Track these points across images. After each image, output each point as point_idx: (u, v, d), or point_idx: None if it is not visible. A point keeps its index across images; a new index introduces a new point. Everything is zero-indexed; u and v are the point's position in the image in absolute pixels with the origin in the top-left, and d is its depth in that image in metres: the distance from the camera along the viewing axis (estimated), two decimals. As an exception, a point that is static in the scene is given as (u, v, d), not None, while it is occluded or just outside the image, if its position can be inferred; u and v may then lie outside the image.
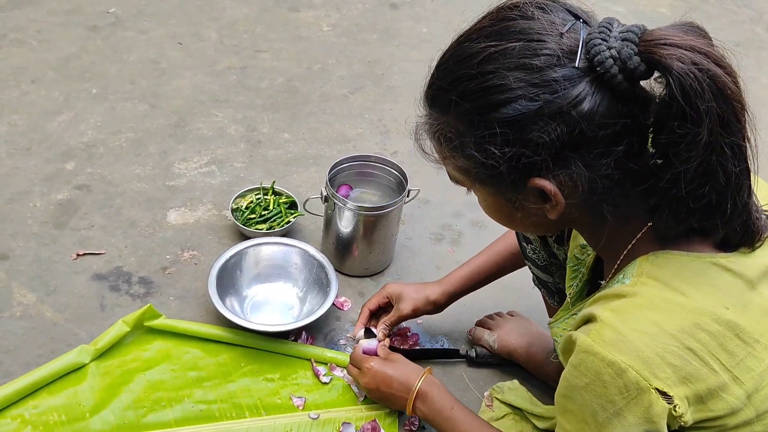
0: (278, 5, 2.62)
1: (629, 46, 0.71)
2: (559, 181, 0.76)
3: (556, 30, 0.74)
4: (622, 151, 0.74)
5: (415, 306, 1.37)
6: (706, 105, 0.68)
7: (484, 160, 0.77)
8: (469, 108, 0.76)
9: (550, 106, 0.72)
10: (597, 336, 0.74)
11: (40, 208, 1.70)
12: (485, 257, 1.39)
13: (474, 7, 0.85)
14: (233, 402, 1.34)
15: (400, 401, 1.24)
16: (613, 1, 2.96)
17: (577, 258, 1.04)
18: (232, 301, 1.49)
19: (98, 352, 1.37)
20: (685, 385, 0.72)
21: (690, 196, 0.73)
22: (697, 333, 0.73)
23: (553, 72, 0.72)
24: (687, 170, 0.71)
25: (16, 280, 1.52)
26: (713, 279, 0.77)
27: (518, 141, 0.74)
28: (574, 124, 0.72)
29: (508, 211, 0.84)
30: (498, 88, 0.73)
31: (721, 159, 0.71)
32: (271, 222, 1.67)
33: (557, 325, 1.04)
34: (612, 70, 0.71)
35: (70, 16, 2.39)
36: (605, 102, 0.72)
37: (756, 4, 3.17)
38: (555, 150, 0.73)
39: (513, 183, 0.78)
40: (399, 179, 1.62)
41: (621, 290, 0.78)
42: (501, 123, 0.74)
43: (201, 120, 2.03)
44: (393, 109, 2.17)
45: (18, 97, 2.02)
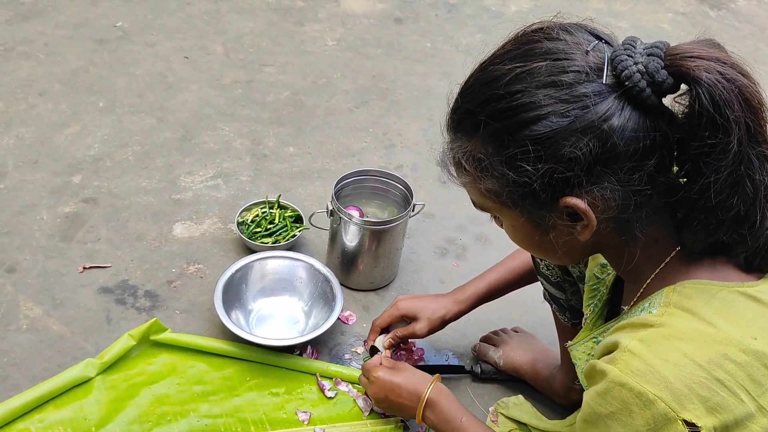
0: (284, 19, 2.64)
1: (656, 60, 0.73)
2: (591, 199, 0.76)
3: (581, 49, 0.75)
4: (653, 165, 0.75)
5: (431, 327, 1.36)
6: (735, 114, 0.70)
7: (516, 178, 0.77)
8: (498, 128, 0.76)
9: (581, 121, 0.73)
10: (625, 366, 0.73)
11: (47, 221, 1.70)
12: (499, 273, 1.38)
13: (478, 22, 0.86)
14: (238, 416, 1.35)
15: (409, 410, 1.23)
16: (616, 16, 2.98)
17: (597, 277, 1.03)
18: (238, 315, 1.50)
19: (104, 366, 1.37)
20: (713, 416, 0.72)
21: (719, 207, 0.74)
22: (725, 364, 0.73)
23: (582, 87, 0.73)
24: (717, 180, 0.72)
25: (23, 293, 1.53)
26: (741, 309, 0.77)
27: (551, 157, 0.74)
28: (606, 138, 0.73)
29: (537, 236, 0.84)
30: (527, 106, 0.74)
31: (748, 169, 0.72)
32: (277, 236, 1.68)
33: (577, 348, 1.03)
34: (640, 84, 0.72)
35: (77, 30, 2.41)
36: (635, 116, 0.73)
37: (758, 20, 3.19)
38: (588, 165, 0.74)
39: (545, 202, 0.78)
40: (404, 193, 1.63)
41: (648, 320, 0.77)
42: (533, 140, 0.74)
43: (207, 133, 2.04)
44: (398, 123, 2.19)
45: (25, 109, 2.04)
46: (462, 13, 2.85)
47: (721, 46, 0.74)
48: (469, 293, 1.38)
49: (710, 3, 3.28)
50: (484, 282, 1.38)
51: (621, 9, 3.08)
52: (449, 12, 2.84)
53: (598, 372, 0.77)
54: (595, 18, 0.83)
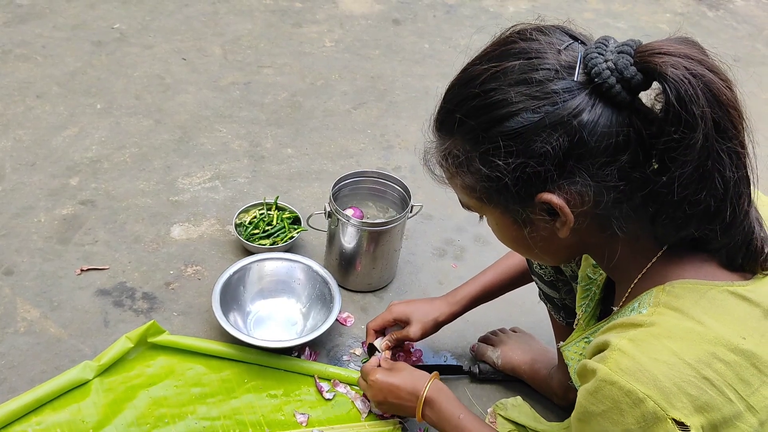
0: (282, 21, 2.64)
1: (625, 57, 0.74)
2: (566, 195, 0.77)
3: (554, 48, 0.77)
4: (626, 161, 0.75)
5: (424, 330, 1.37)
6: (701, 110, 0.70)
7: (489, 173, 0.79)
8: (473, 125, 0.79)
9: (551, 116, 0.74)
10: (614, 365, 0.74)
11: (44, 223, 1.70)
12: (492, 274, 1.39)
13: (476, 23, 0.87)
14: (236, 418, 1.34)
15: (409, 409, 1.23)
16: (614, 17, 2.98)
17: (589, 277, 1.04)
18: (236, 317, 1.49)
19: (102, 368, 1.37)
20: (701, 415, 0.72)
21: (686, 201, 0.75)
22: (714, 363, 0.73)
23: (553, 84, 0.74)
24: (682, 174, 0.73)
25: (21, 295, 1.53)
26: (730, 308, 0.77)
27: (522, 152, 0.76)
28: (575, 133, 0.74)
29: (520, 234, 0.85)
30: (500, 103, 0.76)
31: (718, 165, 0.73)
32: (275, 237, 1.68)
33: (569, 348, 1.04)
34: (609, 80, 0.73)
35: (75, 32, 2.41)
36: (606, 113, 0.74)
37: (756, 20, 3.19)
38: (558, 160, 0.75)
39: (520, 198, 0.79)
40: (402, 195, 1.63)
41: (638, 319, 0.78)
42: (505, 136, 0.76)
43: (205, 135, 2.04)
44: (396, 125, 2.19)
45: (23, 112, 2.04)
46: (460, 14, 2.85)
47: (697, 43, 0.75)
48: (461, 295, 1.39)
49: (708, 3, 3.28)
50: (477, 283, 1.39)
51: (619, 9, 3.08)
52: (447, 13, 2.85)
53: (589, 371, 0.77)
54: (593, 19, 0.83)
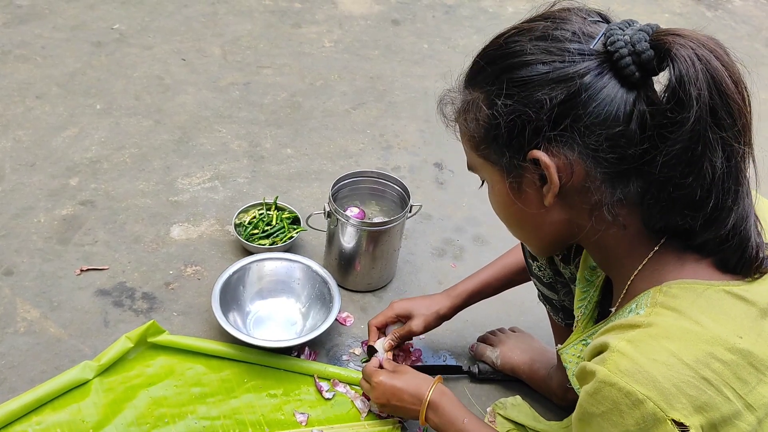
0: (281, 21, 2.65)
1: (642, 34, 0.76)
2: (556, 159, 0.79)
3: (581, 19, 0.80)
4: (622, 134, 0.76)
5: (426, 323, 1.38)
6: (698, 92, 0.71)
7: (488, 113, 0.81)
8: (489, 72, 0.82)
9: (557, 71, 0.77)
10: (614, 366, 0.74)
11: (44, 223, 1.70)
12: (493, 271, 1.39)
13: (475, 23, 0.89)
14: (236, 418, 1.35)
15: (412, 413, 1.24)
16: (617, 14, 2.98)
17: (587, 280, 1.04)
18: (235, 317, 1.50)
19: (102, 368, 1.37)
20: (700, 415, 0.72)
21: (672, 183, 0.76)
22: (711, 363, 0.73)
23: (569, 44, 0.77)
24: (669, 152, 0.74)
25: (21, 295, 1.53)
26: (727, 308, 0.77)
27: (523, 99, 0.78)
28: (576, 92, 0.76)
29: (510, 201, 0.87)
30: (516, 53, 0.80)
31: (708, 152, 0.73)
32: (274, 237, 1.68)
33: (567, 351, 1.04)
34: (622, 51, 0.75)
35: (75, 32, 2.41)
36: (613, 84, 0.76)
37: (754, 20, 3.20)
38: (554, 114, 0.77)
39: (512, 149, 0.81)
40: (401, 195, 1.63)
41: (635, 320, 0.78)
42: (512, 83, 0.79)
43: (204, 135, 2.04)
44: (395, 125, 2.19)
45: (23, 112, 2.04)
46: (459, 14, 2.85)
47: (717, 40, 0.76)
48: (460, 289, 1.40)
49: (707, 3, 3.29)
50: (476, 279, 1.40)
51: (618, 9, 3.08)
52: (446, 13, 2.85)
53: (588, 372, 0.77)
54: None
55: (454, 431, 1.17)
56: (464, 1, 2.96)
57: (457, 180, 1.95)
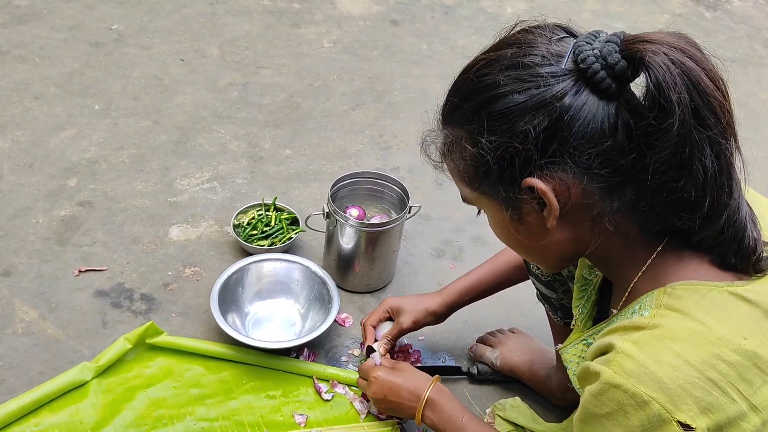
0: (280, 22, 2.64)
1: (611, 45, 0.76)
2: (551, 182, 0.79)
3: (546, 39, 0.80)
4: (611, 148, 0.76)
5: (415, 319, 1.37)
6: (678, 96, 0.71)
7: (475, 152, 0.81)
8: (466, 109, 0.82)
9: (535, 99, 0.76)
10: (618, 367, 0.74)
11: (42, 224, 1.70)
12: (486, 269, 1.39)
13: (474, 24, 0.88)
14: (235, 419, 1.34)
15: (408, 410, 1.22)
16: (612, 18, 2.99)
17: (585, 278, 1.04)
18: (234, 318, 1.49)
19: (100, 369, 1.37)
20: (706, 416, 0.72)
21: (664, 189, 0.75)
22: (717, 364, 0.73)
23: (540, 69, 0.77)
24: (658, 160, 0.74)
25: (19, 296, 1.53)
26: (731, 309, 0.77)
27: (506, 131, 0.78)
28: (558, 116, 0.75)
29: (512, 227, 0.86)
30: (490, 86, 0.79)
31: (697, 153, 0.73)
32: (273, 238, 1.68)
33: (567, 350, 1.04)
34: (594, 66, 0.75)
35: (73, 33, 2.41)
36: (592, 100, 0.76)
37: (753, 21, 3.20)
38: (540, 141, 0.76)
39: (505, 182, 0.81)
40: (400, 195, 1.63)
41: (640, 322, 0.78)
42: (491, 117, 0.79)
43: (203, 136, 2.04)
44: (394, 125, 2.19)
45: (21, 113, 2.04)
46: (458, 15, 2.85)
47: (686, 36, 0.76)
48: (453, 287, 1.40)
49: (706, 4, 3.29)
50: (469, 277, 1.40)
51: (617, 10, 3.08)
52: (445, 14, 2.85)
53: (592, 373, 0.77)
54: (591, 19, 0.84)
55: (452, 430, 1.16)
56: (463, 2, 2.96)
57: (456, 180, 1.95)
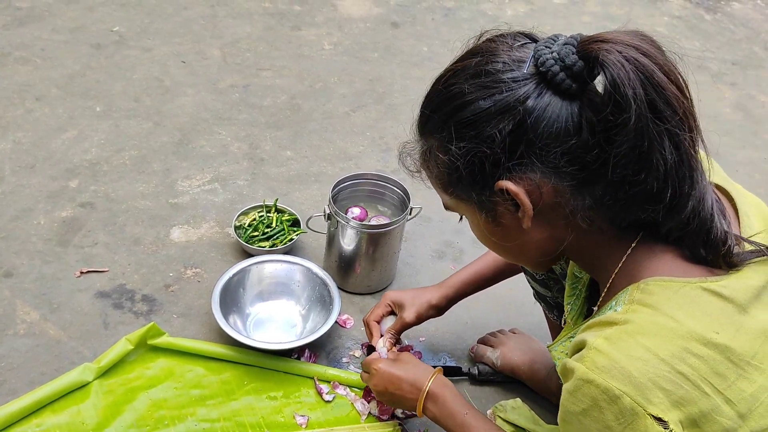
0: (281, 24, 2.65)
1: (568, 47, 0.78)
2: (523, 183, 0.81)
3: (508, 46, 0.82)
4: (576, 146, 0.78)
5: (417, 312, 1.38)
6: (633, 91, 0.73)
7: (446, 159, 0.84)
8: (437, 119, 0.85)
9: (499, 104, 0.79)
10: (591, 363, 0.76)
11: (44, 225, 1.70)
12: (485, 261, 1.40)
13: (474, 26, 0.89)
14: (236, 420, 1.34)
15: (409, 402, 1.22)
16: (612, 20, 2.99)
17: (576, 276, 1.05)
18: (235, 319, 1.50)
19: (101, 370, 1.37)
20: (677, 410, 0.73)
21: (627, 182, 0.77)
22: (687, 357, 0.74)
23: (503, 75, 0.79)
24: (618, 153, 0.75)
25: (20, 297, 1.53)
26: (703, 305, 0.78)
27: (474, 137, 0.81)
28: (522, 118, 0.78)
29: (490, 230, 0.89)
30: (457, 95, 0.82)
31: (657, 146, 0.75)
32: (274, 239, 1.68)
33: (556, 348, 1.04)
34: (553, 68, 0.77)
35: (74, 34, 2.41)
36: (555, 101, 0.78)
37: (753, 23, 3.20)
38: (507, 144, 0.79)
39: (478, 186, 0.83)
40: (401, 197, 1.63)
41: (612, 318, 0.79)
42: (459, 124, 0.82)
43: (204, 138, 2.05)
44: (394, 127, 2.19)
45: (22, 114, 2.04)
46: (458, 17, 2.86)
47: (642, 33, 0.77)
48: (452, 279, 1.41)
49: (706, 6, 3.29)
50: (468, 269, 1.41)
51: (617, 13, 3.09)
52: (445, 16, 2.86)
53: (568, 370, 0.79)
54: (590, 22, 0.85)
55: (454, 424, 1.16)
56: (463, 4, 2.97)
57: (456, 182, 1.95)
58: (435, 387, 1.20)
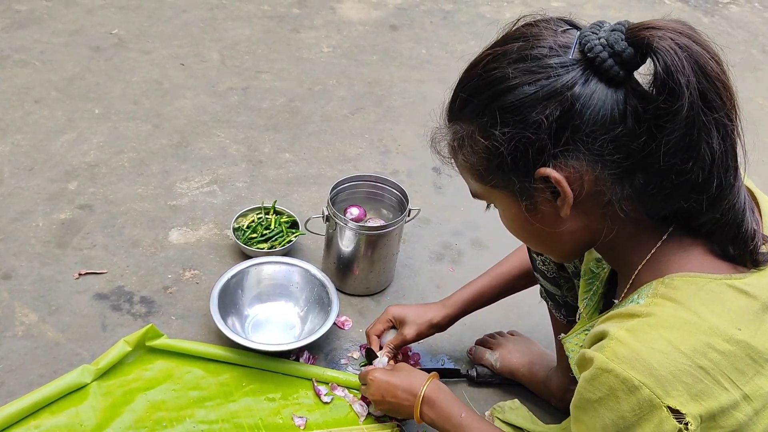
0: (280, 27, 2.66)
1: (617, 33, 0.77)
2: (564, 171, 0.79)
3: (552, 31, 0.81)
4: (622, 133, 0.77)
5: (418, 331, 1.39)
6: (687, 78, 0.73)
7: (488, 145, 0.81)
8: (476, 103, 0.82)
9: (545, 89, 0.77)
10: (611, 353, 0.76)
11: (42, 227, 1.70)
12: (488, 279, 1.40)
13: (473, 29, 0.89)
14: (235, 422, 1.34)
15: (407, 409, 1.23)
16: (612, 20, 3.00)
17: (592, 272, 1.05)
18: (234, 321, 1.50)
19: (100, 372, 1.37)
20: (697, 403, 0.73)
21: (674, 171, 0.77)
22: (708, 352, 0.74)
23: (549, 60, 0.78)
24: (669, 141, 0.75)
25: (19, 299, 1.53)
26: (727, 301, 0.78)
27: (519, 123, 0.79)
28: (569, 105, 0.77)
29: (524, 219, 0.86)
30: (499, 79, 0.80)
31: (705, 135, 0.75)
32: (273, 241, 1.68)
33: (570, 340, 1.05)
34: (602, 54, 0.76)
35: (73, 37, 2.42)
36: (601, 88, 0.77)
37: (750, 26, 3.21)
38: (553, 131, 0.78)
39: (519, 173, 0.81)
40: (399, 199, 1.63)
41: (635, 310, 0.79)
42: (503, 110, 0.79)
43: (203, 140, 2.05)
44: (393, 129, 2.19)
45: (21, 116, 2.04)
46: (456, 20, 2.86)
47: (687, 23, 0.77)
48: (455, 298, 1.41)
49: (703, 10, 3.30)
50: (471, 287, 1.41)
51: (615, 15, 3.10)
52: (444, 19, 2.86)
53: (587, 359, 0.79)
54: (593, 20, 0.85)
55: (451, 426, 1.16)
56: (462, 7, 2.97)
57: (455, 184, 1.96)
58: (430, 391, 1.20)
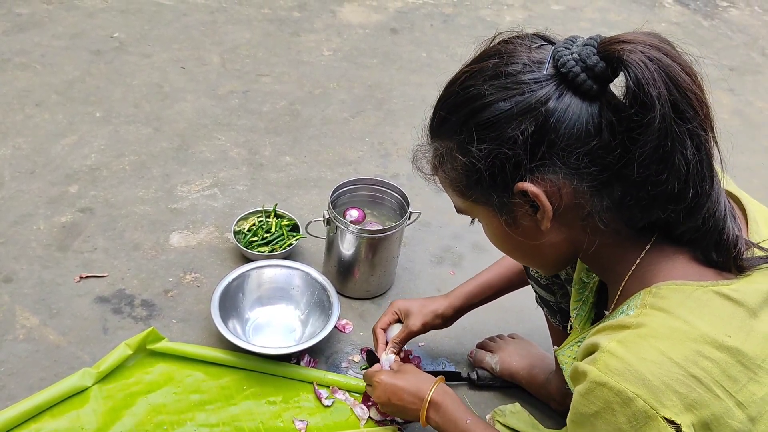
0: (280, 30, 2.66)
1: (589, 48, 0.78)
2: (542, 185, 0.80)
3: (526, 47, 0.82)
4: (597, 146, 0.78)
5: (424, 321, 1.38)
6: (658, 91, 0.73)
7: (465, 162, 0.83)
8: (454, 120, 0.84)
9: (520, 105, 0.78)
10: (604, 366, 0.76)
11: (43, 230, 1.71)
12: (493, 272, 1.40)
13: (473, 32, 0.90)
14: (235, 425, 1.34)
15: (412, 412, 1.23)
16: (610, 27, 3.01)
17: (583, 281, 1.05)
18: (235, 324, 1.50)
19: (101, 375, 1.37)
20: (691, 413, 0.73)
21: (649, 182, 0.77)
22: (700, 361, 0.74)
23: (523, 76, 0.79)
24: (642, 153, 0.76)
25: (20, 302, 1.53)
26: (715, 308, 0.78)
27: (495, 139, 0.80)
28: (543, 120, 0.78)
29: (506, 233, 0.88)
30: (476, 97, 0.81)
31: (678, 146, 0.75)
32: (273, 244, 1.68)
33: (563, 352, 1.04)
34: (575, 69, 0.77)
35: (74, 40, 2.42)
36: (576, 102, 0.78)
37: (750, 30, 3.22)
38: (529, 146, 0.79)
39: (497, 188, 0.83)
40: (400, 202, 1.64)
41: (625, 321, 0.79)
42: (479, 126, 0.81)
43: (203, 143, 2.05)
44: (393, 133, 2.20)
45: (22, 120, 2.04)
46: (457, 23, 2.87)
47: (660, 35, 0.78)
48: (460, 290, 1.41)
49: (703, 13, 3.31)
50: (475, 280, 1.41)
51: (615, 19, 3.10)
52: (444, 22, 2.87)
53: (580, 373, 0.79)
54: (589, 28, 0.86)
55: (457, 431, 1.17)
56: (462, 11, 2.98)
57: (455, 187, 1.96)
58: (437, 395, 1.20)
